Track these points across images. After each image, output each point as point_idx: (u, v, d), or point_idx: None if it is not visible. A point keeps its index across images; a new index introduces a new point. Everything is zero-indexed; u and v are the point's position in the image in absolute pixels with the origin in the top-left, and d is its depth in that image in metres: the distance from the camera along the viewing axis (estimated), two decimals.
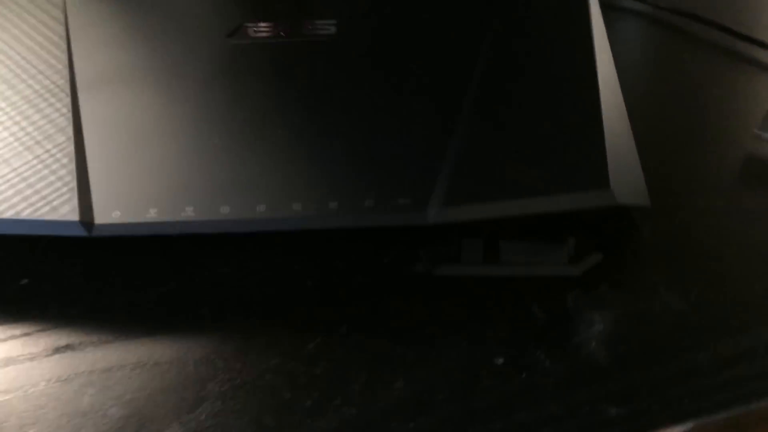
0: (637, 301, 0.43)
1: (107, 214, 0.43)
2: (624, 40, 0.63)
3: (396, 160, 0.46)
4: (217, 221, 0.43)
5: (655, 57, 0.63)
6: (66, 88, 0.48)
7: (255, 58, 0.51)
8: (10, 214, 0.43)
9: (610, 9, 0.63)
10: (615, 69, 0.53)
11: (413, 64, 0.51)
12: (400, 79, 0.50)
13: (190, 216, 0.43)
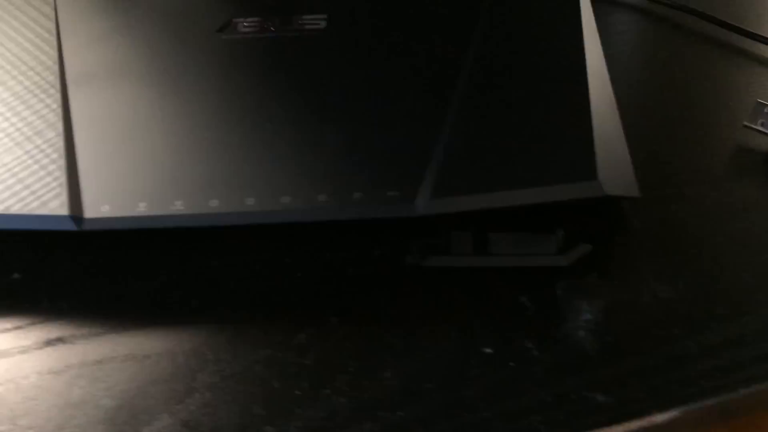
0: (626, 291, 0.43)
1: (97, 208, 0.43)
2: (615, 31, 0.63)
3: (385, 152, 0.46)
4: (207, 215, 0.43)
5: (646, 48, 0.63)
6: (56, 84, 0.48)
7: (244, 52, 0.51)
8: (0, 209, 0.44)
9: (601, 1, 0.63)
10: (604, 60, 0.53)
11: (402, 57, 0.51)
12: (389, 73, 0.50)
13: (179, 210, 0.43)
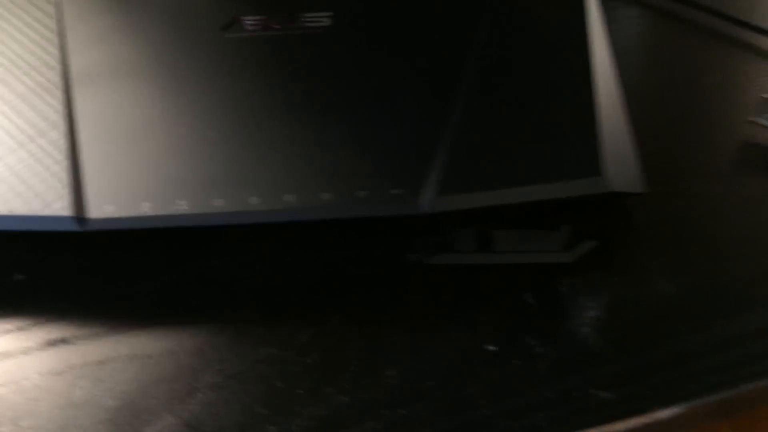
0: (630, 287, 0.43)
1: (100, 208, 0.44)
2: (621, 26, 0.63)
3: (389, 150, 0.46)
4: (210, 214, 0.43)
5: (652, 43, 0.63)
6: (59, 83, 0.48)
7: (249, 51, 0.51)
8: (3, 210, 0.44)
9: None
10: (611, 56, 0.52)
11: (407, 55, 0.51)
12: (393, 71, 0.50)
13: (183, 209, 0.43)
